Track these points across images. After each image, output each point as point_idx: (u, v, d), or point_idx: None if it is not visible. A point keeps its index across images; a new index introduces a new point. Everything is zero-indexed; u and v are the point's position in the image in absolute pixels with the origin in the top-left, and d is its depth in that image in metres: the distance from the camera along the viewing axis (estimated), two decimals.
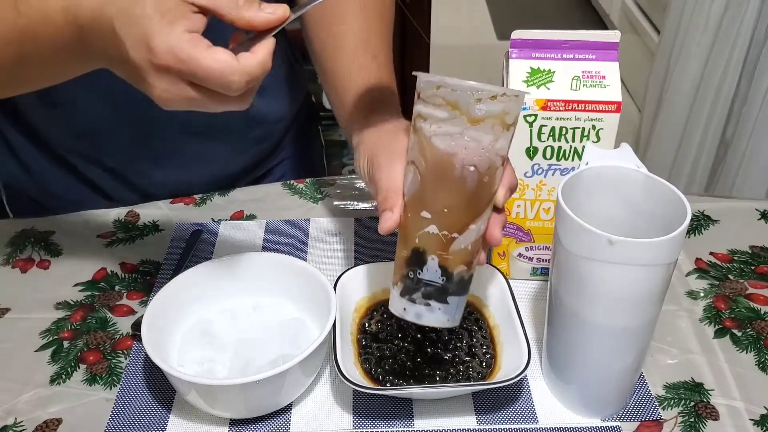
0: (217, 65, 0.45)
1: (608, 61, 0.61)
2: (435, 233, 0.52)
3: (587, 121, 0.61)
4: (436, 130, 0.50)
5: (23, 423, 0.58)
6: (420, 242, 0.52)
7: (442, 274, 0.52)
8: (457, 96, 0.48)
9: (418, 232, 0.52)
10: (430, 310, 0.53)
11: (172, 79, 0.46)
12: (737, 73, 1.60)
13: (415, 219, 0.52)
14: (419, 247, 0.52)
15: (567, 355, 0.57)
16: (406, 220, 0.53)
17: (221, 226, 0.80)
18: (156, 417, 0.59)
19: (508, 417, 0.58)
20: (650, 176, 0.53)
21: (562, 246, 0.51)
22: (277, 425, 0.58)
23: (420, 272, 0.53)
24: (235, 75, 0.46)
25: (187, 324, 0.63)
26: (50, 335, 0.67)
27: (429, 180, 0.51)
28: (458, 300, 0.54)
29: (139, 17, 0.45)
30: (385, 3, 0.73)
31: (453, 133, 0.49)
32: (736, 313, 0.68)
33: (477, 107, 0.48)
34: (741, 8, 1.53)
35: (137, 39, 0.45)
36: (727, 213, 0.81)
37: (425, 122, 0.50)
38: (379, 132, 0.59)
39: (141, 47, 0.45)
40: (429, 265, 0.52)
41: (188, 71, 0.45)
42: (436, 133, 0.50)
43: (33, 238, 0.79)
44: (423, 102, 0.50)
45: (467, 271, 0.53)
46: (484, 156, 0.50)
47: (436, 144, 0.50)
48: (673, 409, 0.59)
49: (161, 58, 0.45)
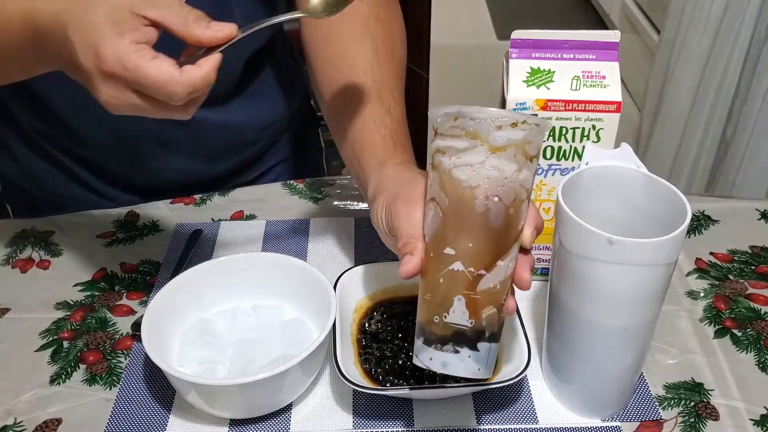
0: (161, 76, 0.47)
1: (608, 61, 0.61)
2: (460, 270, 0.48)
3: (587, 121, 0.61)
4: (456, 162, 0.48)
5: (23, 423, 0.58)
6: (444, 282, 0.49)
7: (470, 317, 0.49)
8: (476, 125, 0.47)
9: (442, 271, 0.49)
10: (459, 358, 0.49)
11: (118, 86, 0.48)
12: (737, 73, 1.60)
13: (438, 258, 0.49)
14: (443, 286, 0.49)
15: (567, 355, 0.57)
16: (428, 262, 0.50)
17: (221, 226, 0.80)
18: (156, 417, 0.59)
19: (508, 417, 0.58)
20: (650, 176, 0.53)
21: (562, 246, 0.51)
22: (277, 425, 0.58)
23: (446, 315, 0.49)
24: (177, 86, 0.48)
25: (187, 324, 0.63)
26: (50, 335, 0.67)
27: (451, 214, 0.49)
28: (489, 347, 0.50)
29: (90, 25, 0.47)
30: (396, 56, 0.72)
31: (474, 163, 0.47)
32: (737, 313, 0.68)
33: (498, 135, 0.47)
34: (741, 8, 1.53)
35: (88, 46, 0.48)
36: (727, 213, 0.81)
37: (444, 156, 0.49)
38: (396, 182, 0.57)
39: (90, 54, 0.48)
40: (455, 307, 0.49)
41: (134, 80, 0.48)
42: (456, 165, 0.48)
43: (33, 238, 0.79)
44: (441, 136, 0.49)
45: (497, 315, 0.49)
46: (508, 186, 0.47)
47: (456, 176, 0.48)
48: (673, 409, 0.59)
49: (109, 65, 0.47)
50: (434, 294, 0.50)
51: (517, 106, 0.61)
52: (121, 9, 0.48)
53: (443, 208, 0.49)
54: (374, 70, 0.68)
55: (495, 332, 0.50)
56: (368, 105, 0.66)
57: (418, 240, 0.51)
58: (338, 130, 0.69)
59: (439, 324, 0.49)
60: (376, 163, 0.62)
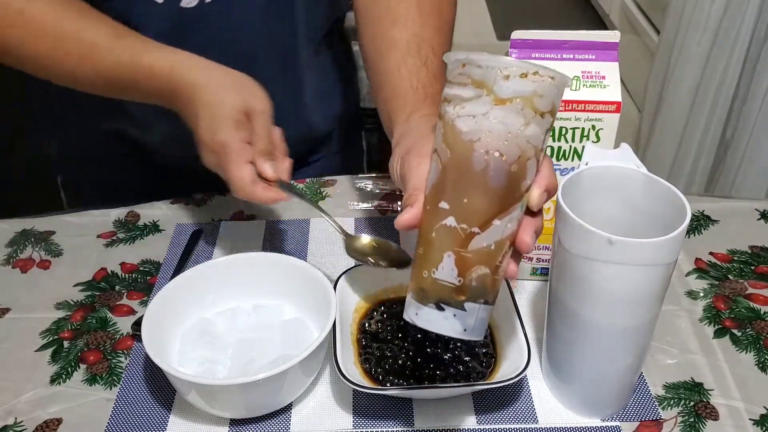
0: (238, 180, 0.61)
1: (608, 61, 0.61)
2: (452, 226, 0.46)
3: (587, 121, 0.61)
4: (459, 111, 0.46)
5: (23, 423, 0.58)
6: (436, 236, 0.47)
7: (458, 274, 0.47)
8: (483, 73, 0.45)
9: (435, 225, 0.47)
10: (444, 316, 0.48)
11: (212, 155, 0.63)
12: (737, 73, 1.60)
13: (434, 211, 0.48)
14: (435, 241, 0.47)
15: (567, 355, 0.57)
16: (424, 215, 0.49)
17: (221, 226, 0.80)
18: (156, 417, 0.59)
19: (508, 417, 0.58)
20: (650, 176, 0.53)
21: (562, 246, 0.51)
22: (277, 425, 0.58)
23: (435, 271, 0.47)
24: (243, 192, 0.62)
25: (187, 324, 0.63)
26: (50, 335, 0.67)
27: (450, 167, 0.47)
28: (478, 308, 0.48)
29: (219, 116, 0.62)
30: (442, 14, 0.71)
31: (477, 113, 0.45)
32: (736, 313, 0.68)
33: (504, 85, 0.44)
34: (741, 8, 1.53)
35: (211, 127, 0.62)
36: (727, 213, 0.81)
37: (449, 104, 0.47)
38: (415, 134, 0.57)
39: (209, 132, 0.62)
40: (444, 263, 0.47)
41: (222, 164, 0.62)
42: (459, 115, 0.46)
43: (33, 238, 0.79)
44: (449, 84, 0.47)
45: (489, 276, 0.47)
46: (512, 141, 0.45)
47: (458, 126, 0.46)
48: (672, 409, 0.59)
49: (217, 146, 0.62)
50: (426, 248, 0.48)
51: None
52: (240, 112, 0.62)
53: (443, 161, 0.47)
54: (415, 23, 0.68)
55: (486, 294, 0.48)
56: (404, 56, 0.66)
57: (421, 192, 0.50)
58: (375, 81, 0.69)
59: (428, 279, 0.48)
60: (404, 114, 0.62)
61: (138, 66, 0.65)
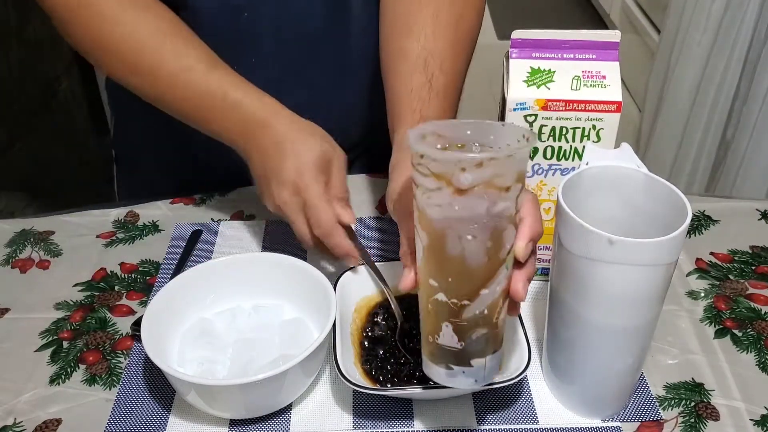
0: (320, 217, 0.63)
1: (608, 61, 0.61)
2: (444, 300, 0.48)
3: (587, 121, 0.61)
4: (427, 201, 0.46)
5: (23, 423, 0.58)
6: (432, 308, 0.49)
7: (459, 340, 0.49)
8: (440, 167, 0.44)
9: (430, 298, 0.49)
10: (454, 374, 0.51)
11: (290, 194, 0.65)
12: (737, 73, 1.60)
13: (425, 285, 0.49)
14: (432, 312, 0.50)
15: (567, 355, 0.57)
16: (420, 284, 0.50)
17: (221, 226, 0.80)
18: (156, 417, 0.59)
19: (508, 417, 0.58)
20: (650, 176, 0.53)
21: (563, 246, 0.51)
22: (277, 425, 0.58)
23: (437, 337, 0.50)
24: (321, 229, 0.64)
25: (186, 324, 0.63)
26: (50, 335, 0.67)
27: (429, 250, 0.48)
28: (484, 362, 0.50)
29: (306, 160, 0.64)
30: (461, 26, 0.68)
31: (442, 203, 0.45)
32: (737, 313, 0.68)
33: (462, 176, 0.44)
34: (741, 8, 1.53)
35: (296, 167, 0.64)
36: (728, 213, 0.81)
37: (418, 190, 0.47)
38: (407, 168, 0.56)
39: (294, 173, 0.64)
40: (444, 332, 0.49)
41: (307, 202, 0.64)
42: (427, 204, 0.46)
43: (33, 238, 0.79)
44: (414, 168, 0.46)
45: (490, 333, 0.50)
46: (481, 224, 0.45)
47: (429, 215, 0.46)
48: (673, 409, 0.59)
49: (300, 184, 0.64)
50: (425, 317, 0.51)
51: (517, 106, 0.61)
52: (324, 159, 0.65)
53: (423, 243, 0.48)
54: (428, 36, 0.66)
55: (489, 348, 0.50)
56: (409, 73, 0.65)
57: (412, 255, 0.51)
58: (385, 90, 0.69)
59: (433, 344, 0.51)
60: (399, 137, 0.63)
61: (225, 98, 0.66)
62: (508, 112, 0.61)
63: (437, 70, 0.65)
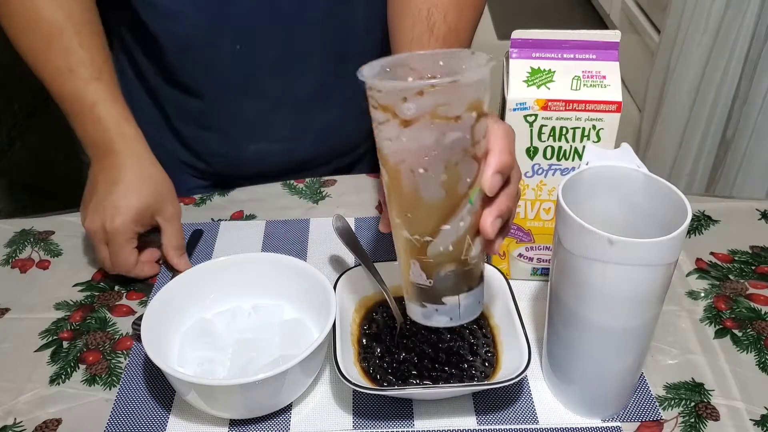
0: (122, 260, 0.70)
1: (608, 61, 0.61)
2: (408, 238, 0.48)
3: (587, 121, 0.61)
4: (380, 135, 0.45)
5: (23, 423, 0.58)
6: (400, 246, 0.50)
7: (427, 277, 0.49)
8: (384, 97, 0.43)
9: (398, 236, 0.50)
10: (429, 312, 0.51)
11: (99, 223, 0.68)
12: (737, 73, 1.60)
13: (393, 224, 0.50)
14: (401, 250, 0.50)
15: (567, 355, 0.57)
16: (390, 223, 0.51)
17: (221, 226, 0.80)
18: (156, 417, 0.59)
19: (509, 417, 0.58)
20: (650, 176, 0.53)
21: (563, 246, 0.51)
22: (277, 425, 0.58)
23: (410, 275, 0.50)
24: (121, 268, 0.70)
25: (187, 324, 0.63)
26: (50, 335, 0.67)
27: (388, 187, 0.48)
28: (458, 299, 0.51)
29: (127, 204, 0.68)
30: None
31: (392, 137, 0.44)
32: (737, 313, 0.68)
33: (405, 106, 0.42)
34: (741, 8, 1.53)
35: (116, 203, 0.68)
36: (728, 213, 0.81)
37: (374, 125, 0.46)
38: None
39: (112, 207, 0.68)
40: (413, 269, 0.50)
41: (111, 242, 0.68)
42: (381, 138, 0.45)
43: (33, 238, 0.79)
44: (368, 102, 0.45)
45: (459, 270, 0.49)
46: (432, 156, 0.44)
47: (383, 150, 0.46)
48: (673, 409, 0.59)
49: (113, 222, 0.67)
50: (399, 255, 0.51)
51: (517, 106, 0.61)
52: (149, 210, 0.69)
53: (384, 180, 0.48)
54: None
55: (461, 285, 0.50)
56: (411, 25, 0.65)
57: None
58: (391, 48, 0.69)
59: (407, 282, 0.51)
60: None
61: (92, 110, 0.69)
62: (508, 111, 0.61)
63: (440, 20, 0.64)
